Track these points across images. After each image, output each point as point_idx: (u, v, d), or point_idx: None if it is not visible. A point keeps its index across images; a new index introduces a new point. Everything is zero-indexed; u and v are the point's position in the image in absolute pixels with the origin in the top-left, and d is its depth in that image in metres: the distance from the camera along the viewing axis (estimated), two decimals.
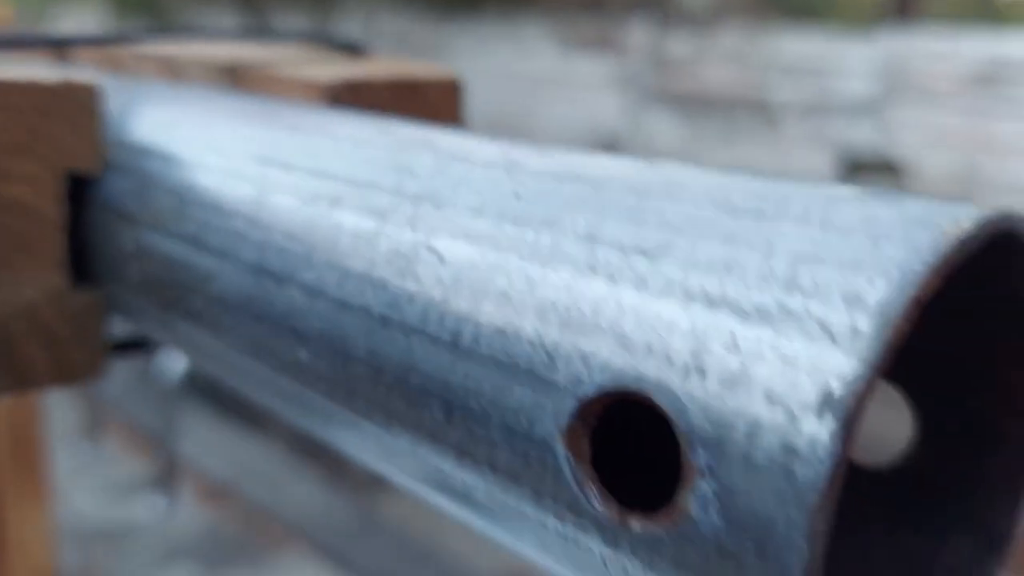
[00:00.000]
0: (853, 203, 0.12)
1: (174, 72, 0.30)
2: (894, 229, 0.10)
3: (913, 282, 0.10)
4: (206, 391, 3.51)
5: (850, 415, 0.10)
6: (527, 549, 0.13)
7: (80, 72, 0.23)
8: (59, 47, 0.59)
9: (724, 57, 2.96)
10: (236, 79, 0.28)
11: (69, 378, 0.21)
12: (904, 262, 0.10)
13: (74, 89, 0.20)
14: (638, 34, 3.14)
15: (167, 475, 2.60)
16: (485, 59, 3.57)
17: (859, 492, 0.16)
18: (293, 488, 2.71)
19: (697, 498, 0.11)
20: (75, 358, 0.22)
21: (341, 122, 0.18)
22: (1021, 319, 0.14)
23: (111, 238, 0.21)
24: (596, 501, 0.12)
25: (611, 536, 0.12)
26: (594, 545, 0.12)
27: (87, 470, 2.77)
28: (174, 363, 2.55)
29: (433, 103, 0.28)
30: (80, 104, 0.21)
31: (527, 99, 3.45)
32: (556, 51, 3.39)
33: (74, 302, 0.22)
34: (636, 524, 0.11)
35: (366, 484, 2.56)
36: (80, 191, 0.21)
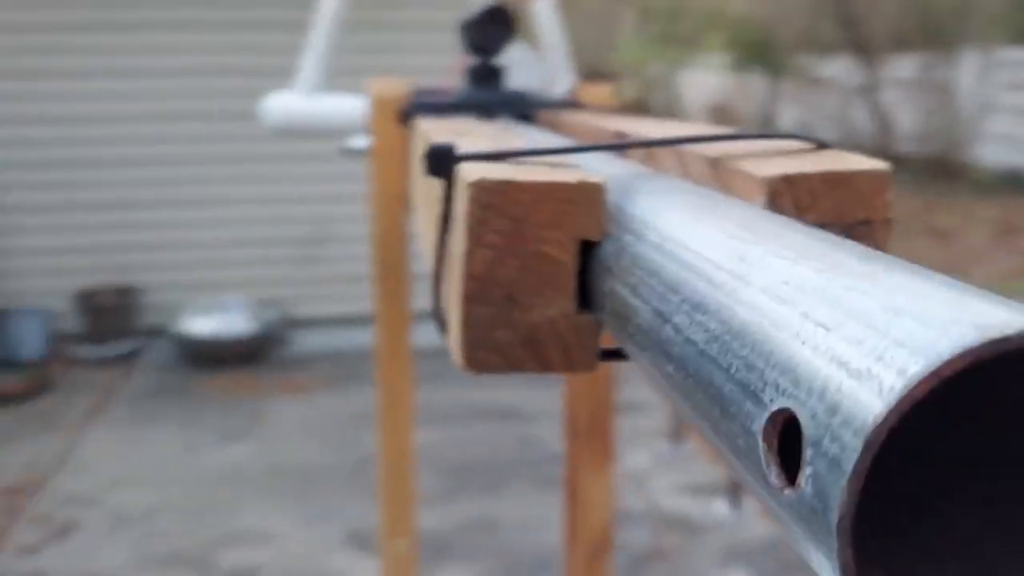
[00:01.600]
0: (934, 294, 0.16)
1: (681, 161, 0.39)
2: (949, 321, 0.15)
3: (938, 362, 0.15)
4: None
5: (872, 438, 0.15)
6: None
7: (595, 170, 0.33)
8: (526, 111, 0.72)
9: None
10: (716, 168, 0.36)
11: (572, 369, 0.32)
12: (942, 349, 0.15)
13: (588, 186, 0.31)
14: None
15: (736, 484, 2.73)
16: None
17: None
18: None
19: (805, 478, 0.17)
20: (577, 356, 0.32)
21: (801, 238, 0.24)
22: None
23: (600, 282, 0.31)
24: (773, 476, 0.18)
25: (775, 496, 0.18)
26: (767, 498, 0.18)
27: (667, 468, 3.05)
28: None
29: (864, 194, 0.32)
30: (590, 196, 0.31)
31: None
32: None
33: (578, 321, 0.32)
34: (786, 492, 0.17)
35: None
36: (587, 250, 0.32)
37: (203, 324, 4.00)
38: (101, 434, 3.23)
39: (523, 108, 0.71)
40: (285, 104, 1.27)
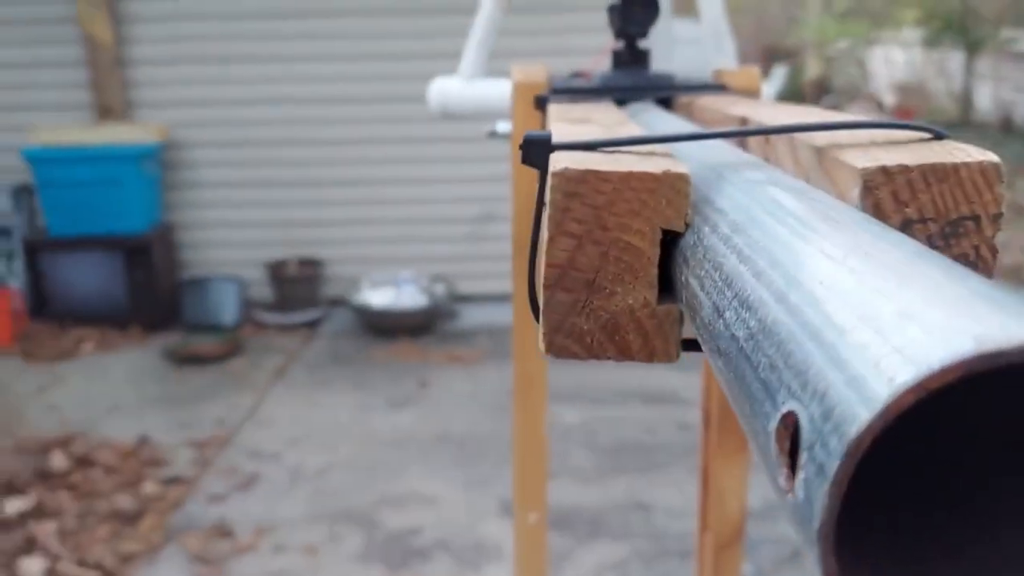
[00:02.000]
0: (954, 299, 0.15)
1: (793, 149, 0.37)
2: (945, 329, 0.14)
3: (928, 373, 0.14)
4: None
5: (854, 446, 0.14)
6: None
7: (696, 158, 0.33)
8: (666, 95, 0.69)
9: None
10: (821, 157, 0.34)
11: (652, 358, 0.32)
12: (933, 359, 0.14)
13: (671, 176, 0.30)
14: None
15: None
16: None
17: None
18: None
19: (799, 482, 0.16)
20: (657, 345, 0.32)
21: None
22: None
23: (679, 272, 0.30)
24: (782, 478, 0.17)
25: (783, 498, 0.18)
26: (778, 492, 0.18)
27: None
28: None
29: (970, 188, 0.30)
30: (674, 186, 0.31)
31: None
32: None
33: (658, 311, 0.32)
34: (789, 495, 0.17)
35: None
36: (670, 240, 0.31)
37: (379, 297, 4.20)
38: (283, 395, 3.45)
39: (661, 92, 0.70)
40: (445, 88, 1.31)
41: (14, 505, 2.60)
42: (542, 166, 0.32)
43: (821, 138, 0.34)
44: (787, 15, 14.83)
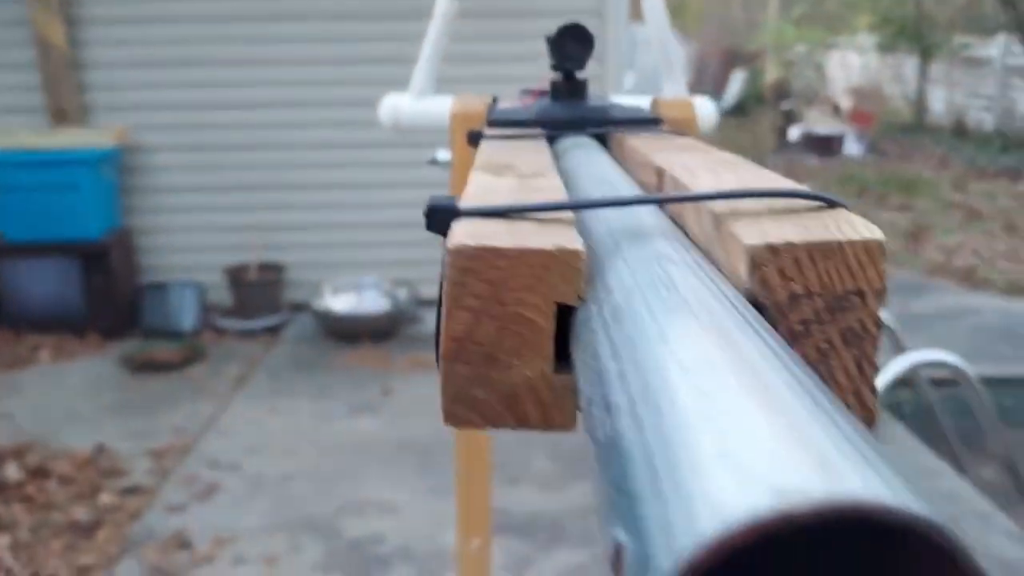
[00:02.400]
0: (777, 437, 0.16)
1: (697, 213, 0.38)
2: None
3: (700, 545, 0.14)
4: (903, 410, 3.42)
5: None
6: None
7: (574, 236, 0.33)
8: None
9: None
10: (717, 225, 0.35)
11: (551, 427, 0.32)
12: (702, 530, 0.14)
13: (565, 253, 0.31)
14: None
15: None
16: None
17: None
18: (996, 532, 2.51)
19: None
20: (555, 415, 0.33)
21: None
22: None
23: (573, 346, 0.31)
24: None
25: None
26: None
27: None
28: (878, 381, 2.55)
29: (855, 265, 0.30)
30: (568, 263, 0.31)
31: None
32: None
33: (556, 382, 0.32)
34: None
35: None
36: (564, 314, 0.32)
37: (341, 302, 4.17)
38: (244, 402, 3.42)
39: (596, 126, 0.71)
40: (396, 104, 1.32)
41: None
42: (445, 235, 0.33)
43: (720, 207, 0.34)
44: (748, 19, 14.99)
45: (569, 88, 0.76)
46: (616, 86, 4.07)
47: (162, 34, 4.17)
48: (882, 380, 2.53)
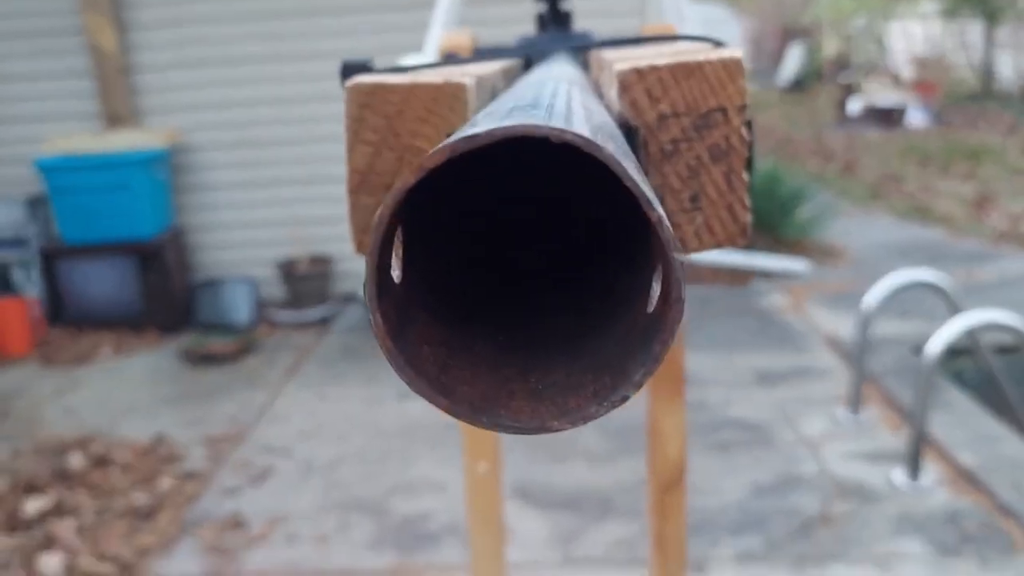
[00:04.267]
0: None
1: (600, 65, 0.41)
2: None
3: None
4: (965, 378, 3.35)
5: (378, 222, 0.18)
6: None
7: (463, 76, 0.36)
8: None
9: None
10: (605, 68, 0.38)
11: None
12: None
13: (452, 86, 0.34)
14: None
15: (915, 452, 2.59)
16: None
17: None
18: None
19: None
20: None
21: None
22: None
23: None
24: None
25: None
26: None
27: (844, 434, 2.93)
28: (934, 344, 2.51)
29: (715, 82, 0.33)
30: (455, 95, 0.34)
31: None
32: None
33: None
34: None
35: None
36: None
37: None
38: (296, 390, 3.52)
39: (573, 45, 0.73)
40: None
41: (34, 505, 2.68)
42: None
43: (613, 55, 0.37)
44: None
45: (554, 17, 0.79)
46: None
47: (204, 34, 4.30)
48: (941, 340, 2.49)
